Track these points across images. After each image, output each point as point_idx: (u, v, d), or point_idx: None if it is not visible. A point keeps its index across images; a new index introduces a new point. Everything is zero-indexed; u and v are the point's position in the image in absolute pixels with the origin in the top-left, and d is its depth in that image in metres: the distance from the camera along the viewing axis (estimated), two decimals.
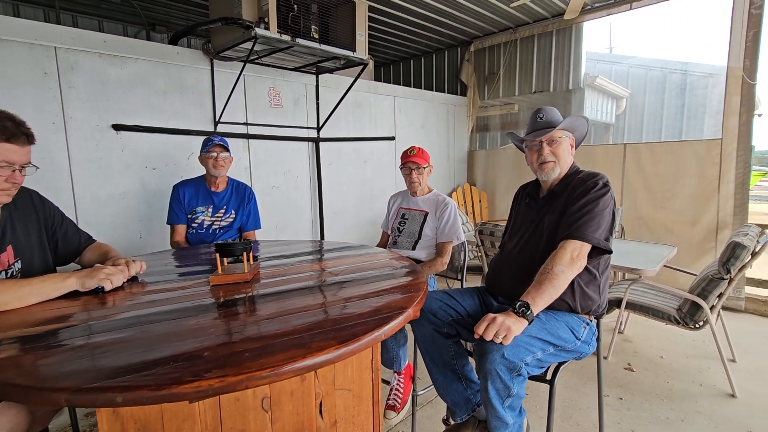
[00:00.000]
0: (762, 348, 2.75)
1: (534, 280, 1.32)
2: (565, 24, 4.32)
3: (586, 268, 1.39)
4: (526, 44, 4.73)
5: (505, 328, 1.18)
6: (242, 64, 2.76)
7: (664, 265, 2.46)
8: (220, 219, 2.29)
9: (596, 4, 4.06)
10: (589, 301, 1.44)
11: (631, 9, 3.89)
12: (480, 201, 5.16)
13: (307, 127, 3.52)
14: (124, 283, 1.34)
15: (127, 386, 0.72)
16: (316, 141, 3.57)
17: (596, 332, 1.50)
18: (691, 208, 3.58)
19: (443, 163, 5.04)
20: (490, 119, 5.49)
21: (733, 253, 2.15)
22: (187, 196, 2.25)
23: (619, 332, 2.96)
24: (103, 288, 1.25)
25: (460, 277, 2.22)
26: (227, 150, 2.26)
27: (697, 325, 2.27)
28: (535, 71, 4.69)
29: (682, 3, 3.71)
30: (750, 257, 2.18)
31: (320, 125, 3.56)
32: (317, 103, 3.55)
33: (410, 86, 5.70)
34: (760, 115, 3.45)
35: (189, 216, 2.25)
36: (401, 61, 6.13)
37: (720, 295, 2.25)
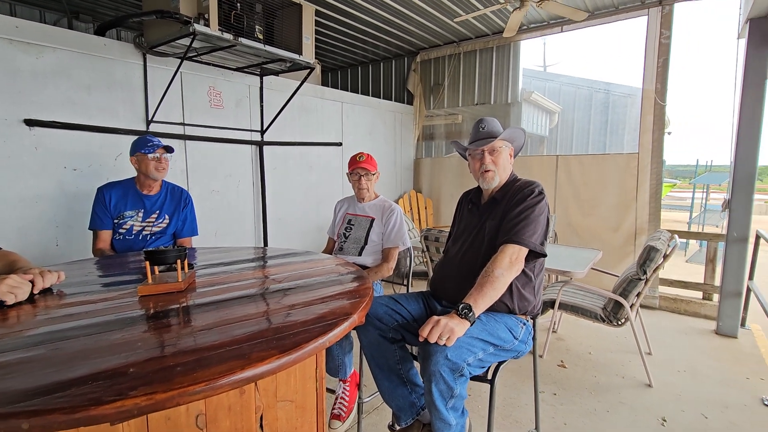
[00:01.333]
0: (673, 341, 3.06)
1: (476, 283, 1.37)
2: (504, 41, 4.59)
3: (522, 270, 1.46)
4: (468, 58, 4.94)
5: (448, 329, 1.20)
6: (179, 60, 2.60)
7: (591, 268, 2.66)
8: (151, 224, 2.12)
9: (531, 25, 4.36)
10: (526, 302, 1.52)
11: (562, 31, 4.22)
12: (426, 207, 5.28)
13: (251, 130, 3.40)
14: (35, 295, 1.20)
15: (35, 410, 0.64)
16: (260, 144, 3.46)
17: (532, 332, 1.58)
18: (614, 215, 3.92)
19: (390, 170, 5.10)
20: (435, 128, 5.66)
21: (648, 256, 2.38)
22: (113, 200, 2.07)
23: (553, 331, 3.15)
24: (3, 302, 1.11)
25: (405, 282, 2.25)
26: (171, 152, 2.13)
27: (619, 323, 2.48)
28: (477, 84, 4.91)
29: (605, 30, 4.07)
30: (662, 259, 2.43)
31: (264, 128, 3.46)
32: (261, 106, 3.45)
33: (358, 93, 5.72)
34: (669, 133, 3.87)
35: (116, 221, 2.07)
36: (349, 68, 6.14)
37: (638, 294, 2.47)
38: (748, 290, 3.20)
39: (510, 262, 1.38)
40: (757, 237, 3.17)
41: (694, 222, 8.78)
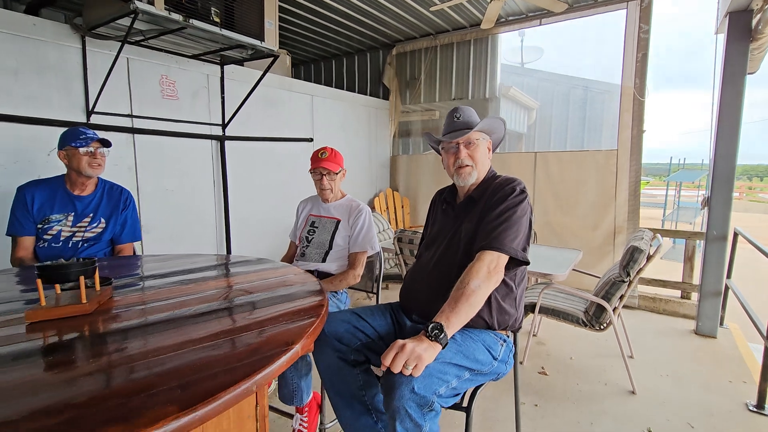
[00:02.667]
0: (653, 342, 2.97)
1: (449, 297, 1.18)
2: (482, 34, 4.43)
3: (503, 280, 1.28)
4: (445, 51, 4.77)
5: (415, 356, 1.01)
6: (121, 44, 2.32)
7: (572, 269, 2.53)
8: (83, 229, 1.85)
9: (510, 18, 4.22)
10: (506, 316, 1.34)
11: (540, 24, 4.09)
12: (402, 207, 5.10)
13: (210, 124, 3.13)
14: None
15: None
16: (221, 139, 3.19)
17: (513, 348, 1.40)
18: (593, 213, 3.82)
19: (365, 167, 4.88)
20: (412, 124, 5.48)
21: (632, 257, 2.26)
22: (37, 201, 1.79)
23: (533, 335, 3.01)
24: None
25: (375, 289, 2.05)
26: (108, 146, 1.86)
27: (601, 327, 2.35)
28: (454, 78, 4.75)
29: (583, 23, 3.96)
30: (646, 260, 2.31)
31: (226, 122, 3.19)
32: (222, 97, 3.17)
33: (331, 87, 5.48)
34: (644, 131, 3.79)
35: (39, 226, 1.79)
36: (321, 61, 5.89)
37: (621, 297, 2.35)
38: (726, 289, 3.15)
39: (488, 271, 1.20)
40: (735, 235, 3.11)
41: (668, 219, 8.91)
